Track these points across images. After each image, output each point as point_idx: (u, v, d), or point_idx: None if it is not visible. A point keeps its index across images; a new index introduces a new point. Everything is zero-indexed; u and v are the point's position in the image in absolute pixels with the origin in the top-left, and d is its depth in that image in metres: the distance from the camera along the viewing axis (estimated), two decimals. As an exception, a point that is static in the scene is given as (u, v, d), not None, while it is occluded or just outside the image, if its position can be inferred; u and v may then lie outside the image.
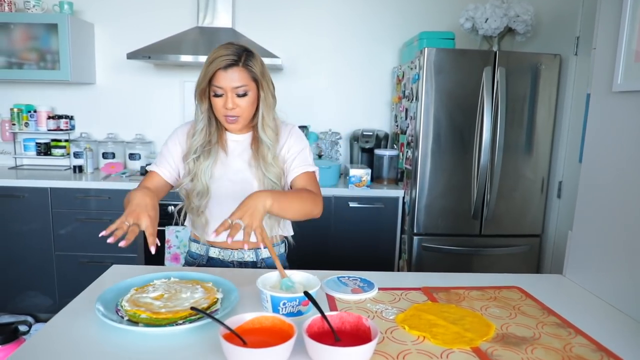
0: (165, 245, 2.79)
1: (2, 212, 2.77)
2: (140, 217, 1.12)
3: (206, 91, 1.36)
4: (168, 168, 1.46)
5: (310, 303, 1.01)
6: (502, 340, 1.01)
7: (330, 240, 2.82)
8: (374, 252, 2.86)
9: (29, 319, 1.03)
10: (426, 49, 2.48)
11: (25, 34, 2.92)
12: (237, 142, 1.47)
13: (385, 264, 2.88)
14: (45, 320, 1.03)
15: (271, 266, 1.45)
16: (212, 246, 1.50)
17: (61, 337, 0.96)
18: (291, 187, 1.44)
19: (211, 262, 1.50)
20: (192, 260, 1.55)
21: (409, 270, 2.68)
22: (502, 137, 2.53)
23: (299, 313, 1.06)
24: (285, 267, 1.19)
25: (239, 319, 0.93)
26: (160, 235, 2.80)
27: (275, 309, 1.04)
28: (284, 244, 1.56)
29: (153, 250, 1.08)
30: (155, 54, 2.79)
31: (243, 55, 1.32)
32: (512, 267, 2.67)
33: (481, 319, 1.10)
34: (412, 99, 2.70)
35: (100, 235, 1.08)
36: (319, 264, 1.43)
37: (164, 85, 3.28)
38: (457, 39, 2.83)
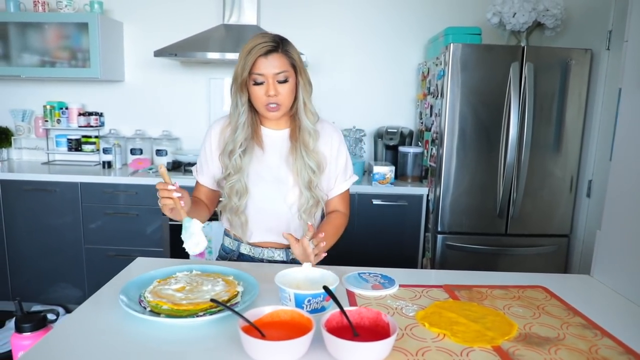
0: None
1: (35, 205, 2.86)
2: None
3: (246, 82, 1.33)
4: (210, 175, 1.49)
5: (331, 299, 1.01)
6: (524, 340, 0.98)
7: (353, 238, 2.81)
8: (397, 250, 2.84)
9: (59, 309, 1.06)
10: (452, 44, 2.44)
11: (57, 33, 3.01)
12: (273, 137, 1.45)
13: (408, 262, 2.85)
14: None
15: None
16: (242, 242, 1.50)
17: (86, 326, 0.98)
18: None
19: (242, 258, 1.51)
20: (225, 255, 1.56)
21: (432, 269, 2.65)
22: (530, 135, 2.47)
23: (322, 309, 1.05)
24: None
25: (258, 312, 0.94)
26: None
27: (300, 307, 1.03)
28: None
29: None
30: (180, 52, 2.83)
31: (280, 42, 1.33)
32: (539, 267, 2.61)
33: (503, 318, 1.08)
34: (437, 96, 2.67)
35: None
36: (341, 261, 1.42)
37: (191, 83, 3.32)
38: (484, 35, 2.78)
